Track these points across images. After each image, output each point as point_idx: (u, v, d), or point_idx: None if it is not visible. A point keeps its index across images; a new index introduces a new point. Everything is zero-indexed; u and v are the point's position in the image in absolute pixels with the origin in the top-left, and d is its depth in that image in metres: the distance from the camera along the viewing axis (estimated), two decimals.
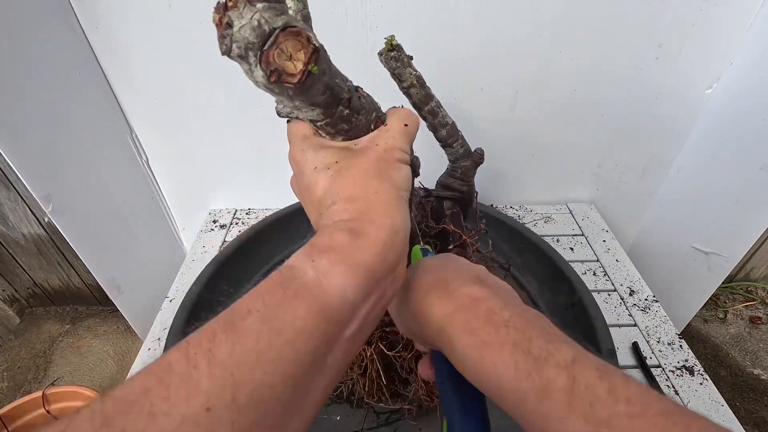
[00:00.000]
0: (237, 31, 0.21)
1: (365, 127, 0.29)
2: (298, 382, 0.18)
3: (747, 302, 1.47)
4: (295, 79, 0.22)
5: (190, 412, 0.15)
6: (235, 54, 0.22)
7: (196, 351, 0.16)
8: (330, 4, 0.66)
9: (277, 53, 0.21)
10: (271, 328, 0.18)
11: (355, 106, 0.27)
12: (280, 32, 0.21)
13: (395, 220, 0.24)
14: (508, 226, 0.74)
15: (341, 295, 0.20)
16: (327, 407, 0.53)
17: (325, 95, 0.25)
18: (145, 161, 0.86)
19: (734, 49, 0.70)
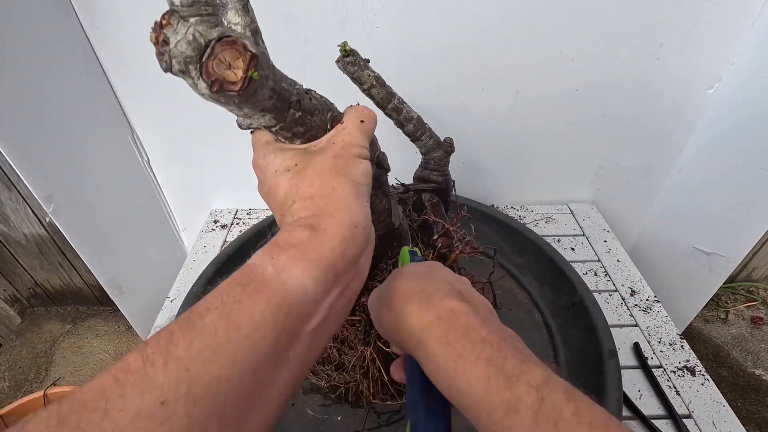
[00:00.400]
0: (174, 47, 0.21)
1: (322, 128, 0.30)
2: (257, 376, 0.18)
3: (748, 302, 1.47)
4: (237, 87, 0.22)
5: (144, 407, 0.15)
6: (177, 69, 0.22)
7: (154, 350, 0.17)
8: (331, 4, 0.66)
9: (216, 63, 0.22)
10: (229, 323, 0.18)
11: (306, 107, 0.28)
12: (215, 43, 0.21)
13: (354, 214, 0.24)
14: (509, 226, 0.74)
15: (301, 289, 0.21)
16: (328, 407, 0.53)
17: (272, 100, 0.25)
18: (146, 162, 0.87)
19: (736, 49, 0.69)
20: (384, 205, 0.43)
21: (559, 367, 0.57)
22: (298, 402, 0.54)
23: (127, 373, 0.16)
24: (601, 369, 0.52)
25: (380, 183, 0.40)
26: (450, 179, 0.56)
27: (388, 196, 0.44)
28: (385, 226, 0.46)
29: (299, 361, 0.21)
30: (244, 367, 0.18)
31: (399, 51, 0.71)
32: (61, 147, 0.71)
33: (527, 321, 0.64)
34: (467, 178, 0.89)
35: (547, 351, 0.59)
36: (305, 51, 0.71)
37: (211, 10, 0.22)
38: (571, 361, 0.57)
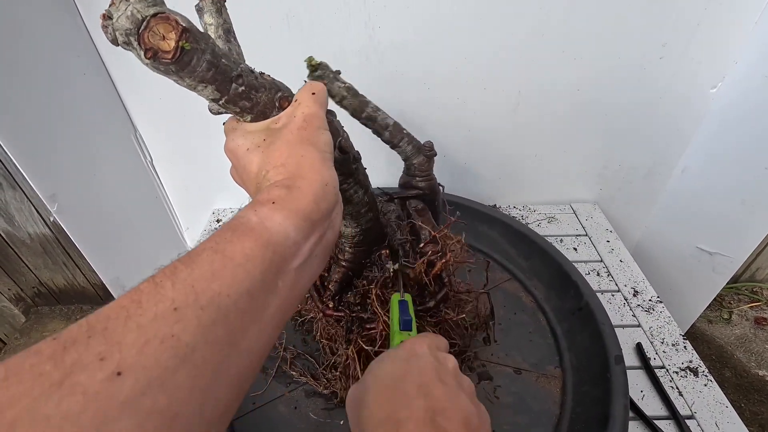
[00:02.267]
0: (116, 20, 0.25)
1: (270, 104, 0.32)
2: (253, 297, 0.21)
3: (752, 303, 1.46)
4: (169, 55, 0.26)
5: (160, 311, 0.18)
6: (121, 41, 0.26)
7: (161, 277, 0.20)
8: (333, 4, 0.66)
9: (150, 35, 0.25)
10: (224, 256, 0.21)
11: (250, 83, 0.31)
12: (151, 18, 0.25)
13: (323, 175, 0.28)
14: (514, 229, 0.73)
15: (283, 233, 0.24)
16: (330, 411, 0.53)
17: (211, 71, 0.28)
18: (149, 161, 0.87)
19: (739, 48, 0.69)
20: (361, 198, 0.43)
21: (564, 373, 0.56)
22: (300, 406, 0.54)
23: (141, 293, 0.19)
24: (608, 375, 0.51)
25: (350, 171, 0.40)
26: (436, 184, 0.54)
27: (367, 190, 0.44)
28: (368, 221, 0.46)
29: (287, 292, 0.24)
30: (240, 288, 0.21)
31: (400, 51, 0.71)
32: (65, 147, 0.72)
33: (532, 325, 0.63)
34: (469, 178, 0.89)
35: (552, 356, 0.59)
36: (307, 51, 0.71)
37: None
38: (577, 366, 0.57)
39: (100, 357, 0.16)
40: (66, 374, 0.15)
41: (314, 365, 0.57)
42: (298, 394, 0.55)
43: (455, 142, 0.83)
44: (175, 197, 0.94)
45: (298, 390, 0.55)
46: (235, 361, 0.20)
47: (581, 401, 0.53)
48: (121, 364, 0.16)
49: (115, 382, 0.16)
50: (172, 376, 0.17)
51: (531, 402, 0.54)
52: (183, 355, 0.18)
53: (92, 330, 0.17)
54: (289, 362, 0.58)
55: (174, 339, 0.18)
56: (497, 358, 0.58)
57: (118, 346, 0.17)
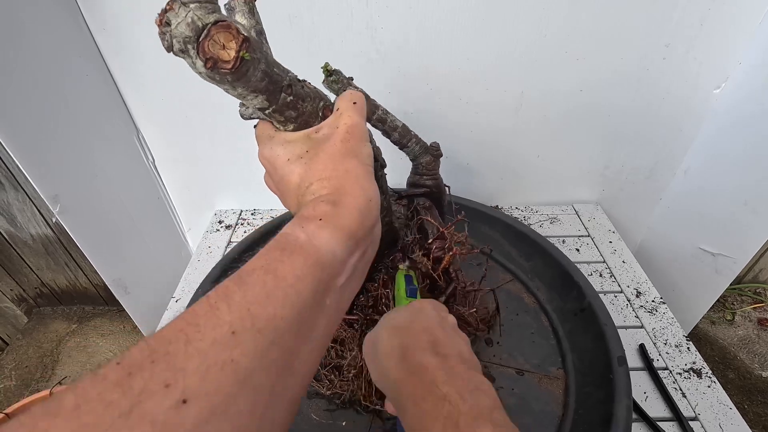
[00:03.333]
0: (174, 28, 0.24)
1: (314, 114, 0.32)
2: (303, 317, 0.22)
3: (755, 304, 1.45)
4: (229, 65, 0.25)
5: (218, 336, 0.18)
6: (177, 49, 0.25)
7: (215, 300, 0.20)
8: (335, 5, 0.66)
9: (211, 44, 0.25)
10: (275, 276, 0.21)
11: (298, 92, 0.31)
12: (211, 26, 0.24)
13: (367, 191, 0.28)
14: (516, 229, 0.73)
15: (330, 251, 0.24)
16: (332, 413, 0.53)
17: (264, 81, 0.28)
18: (151, 162, 0.87)
19: (743, 48, 0.69)
20: (382, 203, 0.44)
21: (567, 374, 0.56)
22: (302, 407, 0.53)
23: (198, 316, 0.19)
24: (611, 376, 0.51)
25: (377, 176, 0.41)
26: (442, 183, 0.57)
27: (386, 195, 0.45)
28: (384, 225, 0.46)
29: (333, 309, 0.25)
30: (293, 309, 0.21)
31: (402, 52, 0.71)
32: (67, 148, 0.72)
33: (534, 326, 0.63)
34: (471, 179, 0.89)
35: (555, 357, 0.58)
36: (309, 51, 0.71)
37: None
38: (580, 368, 0.56)
39: (165, 384, 0.16)
40: (134, 403, 0.15)
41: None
42: None
43: (457, 142, 0.83)
44: (177, 198, 0.94)
45: None
46: (289, 383, 0.21)
47: (584, 403, 0.53)
48: (186, 391, 0.16)
49: (181, 411, 0.16)
50: (233, 403, 0.17)
51: (533, 403, 0.53)
52: (242, 380, 0.18)
53: (154, 354, 0.17)
54: None
55: (234, 364, 0.18)
56: (499, 360, 0.58)
57: (182, 372, 0.17)
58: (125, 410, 0.15)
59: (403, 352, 0.32)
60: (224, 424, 0.17)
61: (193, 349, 0.17)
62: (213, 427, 0.16)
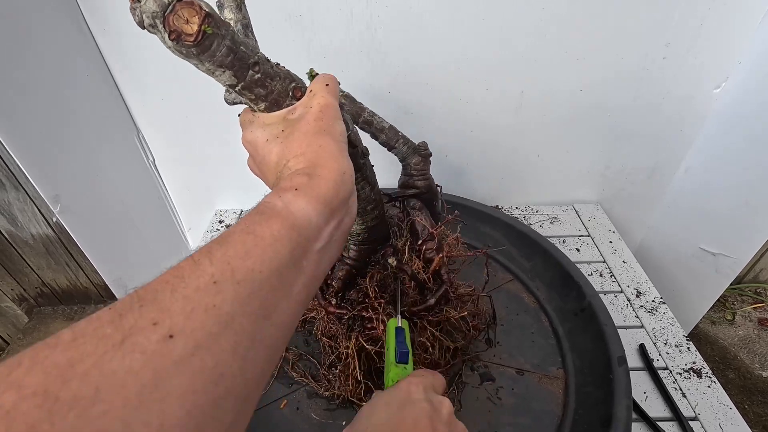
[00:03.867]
0: (144, 3, 0.27)
1: (284, 93, 0.34)
2: (281, 274, 0.23)
3: (756, 304, 1.45)
4: (191, 38, 0.27)
5: (201, 284, 0.20)
6: (147, 24, 0.27)
7: (199, 257, 0.21)
8: (335, 4, 0.66)
9: (175, 18, 0.27)
10: (254, 236, 0.23)
11: (266, 71, 0.32)
12: (176, 2, 0.27)
13: (341, 164, 0.29)
14: (516, 229, 0.73)
15: (306, 217, 0.26)
16: (332, 412, 0.53)
17: (229, 57, 0.30)
18: (151, 162, 0.87)
19: (743, 48, 0.69)
20: (368, 194, 0.44)
21: (567, 374, 0.56)
22: (302, 406, 0.54)
23: (182, 269, 0.21)
24: (610, 376, 0.51)
25: (358, 166, 0.41)
26: (433, 183, 0.56)
27: (374, 187, 0.45)
28: (374, 219, 0.47)
29: (311, 272, 0.26)
30: (271, 265, 0.23)
31: (402, 51, 0.71)
32: (68, 148, 0.72)
33: (534, 326, 0.63)
34: (471, 179, 0.89)
35: (555, 357, 0.59)
36: (309, 51, 0.71)
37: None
38: (580, 368, 0.56)
39: (153, 322, 0.18)
40: (125, 336, 0.17)
41: (316, 366, 0.57)
42: (300, 395, 0.55)
43: (457, 142, 0.83)
44: (177, 198, 0.94)
45: (300, 391, 0.55)
46: (268, 332, 0.22)
47: (584, 402, 0.53)
48: (173, 328, 0.18)
49: (168, 344, 0.17)
50: (216, 341, 0.19)
51: (533, 403, 0.53)
52: (224, 322, 0.20)
53: (143, 300, 0.19)
54: (291, 363, 0.58)
55: (216, 308, 0.19)
56: (500, 359, 0.58)
57: (168, 312, 0.18)
58: (117, 341, 0.17)
59: None
60: (208, 358, 0.18)
61: (178, 294, 0.19)
62: (198, 360, 0.18)
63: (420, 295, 0.51)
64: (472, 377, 0.56)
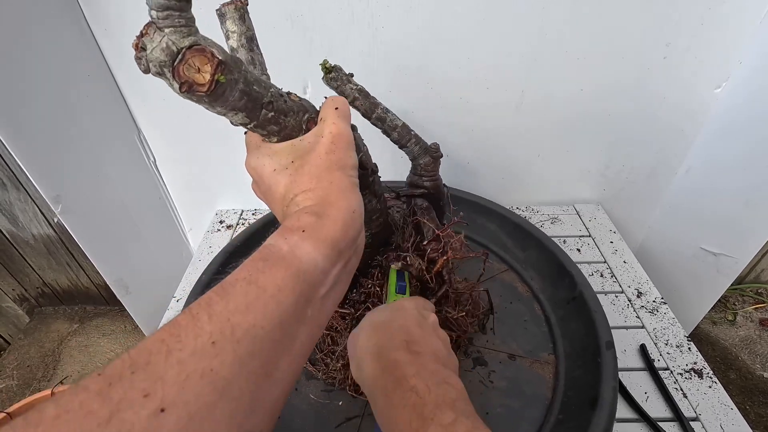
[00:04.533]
0: (150, 53, 0.25)
1: (297, 128, 0.32)
2: (284, 327, 0.22)
3: (757, 304, 1.45)
4: (204, 88, 0.25)
5: (198, 346, 0.19)
6: (154, 72, 0.25)
7: (197, 310, 0.20)
8: (336, 4, 0.67)
9: (186, 68, 0.25)
10: (257, 287, 0.22)
11: (279, 108, 0.31)
12: (186, 50, 0.24)
13: (351, 202, 0.28)
14: (512, 221, 0.74)
15: (313, 262, 0.24)
16: (329, 393, 0.54)
17: (243, 100, 0.28)
18: (152, 162, 0.87)
19: (743, 48, 0.69)
20: (374, 206, 0.45)
21: (557, 359, 0.58)
22: (301, 387, 0.55)
23: (179, 326, 0.19)
24: (598, 360, 0.52)
25: (366, 184, 0.41)
26: (441, 184, 0.57)
27: (380, 198, 0.46)
28: (378, 225, 0.48)
29: (315, 321, 0.25)
30: (273, 319, 0.21)
31: (403, 51, 0.71)
32: (69, 148, 0.72)
33: (528, 314, 0.64)
34: (471, 178, 0.89)
35: (546, 343, 0.60)
36: (310, 51, 0.71)
37: (185, 21, 0.25)
38: (570, 353, 0.58)
39: (144, 393, 0.16)
40: (113, 412, 0.16)
41: (314, 350, 0.58)
42: (299, 377, 0.56)
43: (458, 142, 0.83)
44: (178, 198, 0.94)
45: None
46: (268, 391, 0.21)
47: (573, 385, 0.54)
48: (165, 400, 0.17)
49: (159, 419, 0.16)
50: (212, 411, 0.18)
51: (524, 386, 0.55)
52: (221, 388, 0.18)
53: (135, 365, 0.17)
54: None
55: (213, 373, 0.18)
56: (493, 345, 0.60)
57: (161, 382, 0.17)
58: (104, 419, 0.15)
59: (378, 350, 0.34)
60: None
61: (173, 359, 0.18)
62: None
63: (421, 294, 0.52)
64: (466, 362, 0.58)
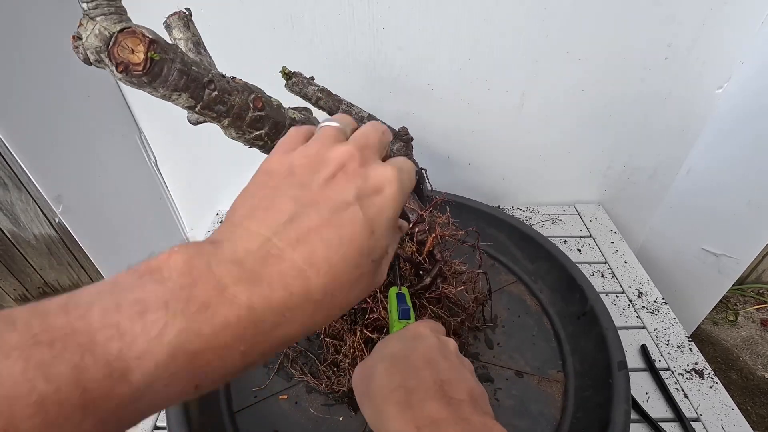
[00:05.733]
0: (85, 40, 0.26)
1: (244, 106, 0.34)
2: None
3: (758, 305, 1.45)
4: (140, 67, 0.27)
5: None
6: (93, 60, 0.27)
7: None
8: (337, 5, 0.67)
9: (120, 49, 0.26)
10: None
11: (222, 87, 0.32)
12: (118, 33, 0.26)
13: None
14: (520, 231, 0.72)
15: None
16: (330, 407, 0.53)
17: (183, 79, 0.29)
18: (153, 162, 0.87)
19: (745, 48, 0.69)
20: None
21: (566, 377, 0.56)
22: (301, 401, 0.54)
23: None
24: (610, 381, 0.50)
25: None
26: (418, 168, 0.57)
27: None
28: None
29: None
30: None
31: (404, 52, 0.71)
32: (70, 148, 0.72)
33: (536, 328, 0.62)
34: (473, 179, 0.89)
35: (555, 360, 0.58)
36: (311, 52, 0.71)
37: (114, 9, 0.27)
38: (580, 371, 0.56)
39: None
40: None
41: (315, 362, 0.57)
42: (299, 390, 0.55)
43: (459, 142, 0.83)
44: (179, 198, 0.94)
45: (299, 385, 0.56)
46: None
47: (582, 406, 0.52)
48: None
49: None
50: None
51: (531, 405, 0.53)
52: None
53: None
54: (290, 359, 0.58)
55: None
56: (499, 361, 0.58)
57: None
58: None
59: (406, 397, 0.28)
60: None
61: None
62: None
63: (416, 277, 0.52)
64: None
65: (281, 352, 0.58)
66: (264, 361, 0.23)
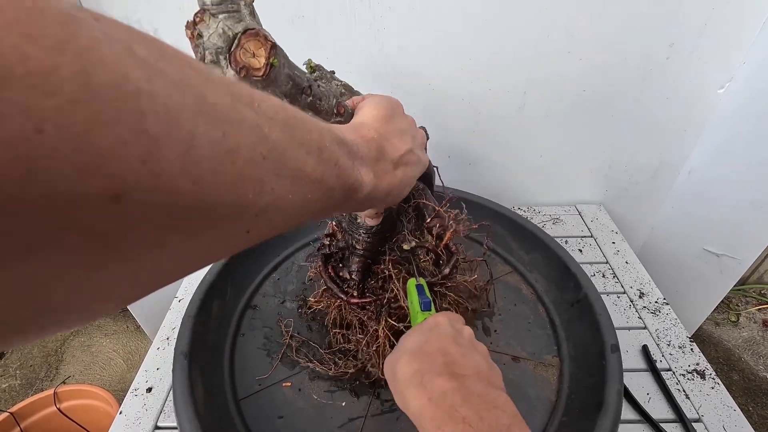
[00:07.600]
0: (207, 39, 0.25)
1: (329, 112, 0.33)
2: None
3: (760, 305, 1.45)
4: (260, 72, 0.26)
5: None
6: (209, 60, 0.25)
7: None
8: (338, 5, 0.67)
9: (242, 53, 0.25)
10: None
11: (316, 92, 0.32)
12: (241, 35, 0.25)
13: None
14: (517, 223, 0.74)
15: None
16: (333, 393, 0.54)
17: (289, 85, 0.29)
18: None
19: (747, 48, 0.69)
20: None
21: (561, 362, 0.58)
22: (304, 387, 0.55)
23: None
24: (603, 363, 0.52)
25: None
26: (430, 164, 0.58)
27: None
28: (385, 210, 0.50)
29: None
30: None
31: (405, 52, 0.71)
32: None
33: (532, 316, 0.64)
34: (473, 179, 0.89)
35: (551, 345, 0.60)
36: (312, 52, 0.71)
37: (236, 7, 0.25)
38: (574, 356, 0.58)
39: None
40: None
41: (318, 350, 0.58)
42: (302, 377, 0.56)
43: (460, 142, 0.83)
44: None
45: (302, 373, 0.57)
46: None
47: (577, 388, 0.54)
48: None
49: None
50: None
51: (528, 389, 0.55)
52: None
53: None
54: (294, 350, 0.59)
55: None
56: (497, 347, 0.60)
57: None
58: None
59: (421, 378, 0.34)
60: None
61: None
62: None
63: (436, 267, 0.54)
64: None
65: (284, 343, 0.59)
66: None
